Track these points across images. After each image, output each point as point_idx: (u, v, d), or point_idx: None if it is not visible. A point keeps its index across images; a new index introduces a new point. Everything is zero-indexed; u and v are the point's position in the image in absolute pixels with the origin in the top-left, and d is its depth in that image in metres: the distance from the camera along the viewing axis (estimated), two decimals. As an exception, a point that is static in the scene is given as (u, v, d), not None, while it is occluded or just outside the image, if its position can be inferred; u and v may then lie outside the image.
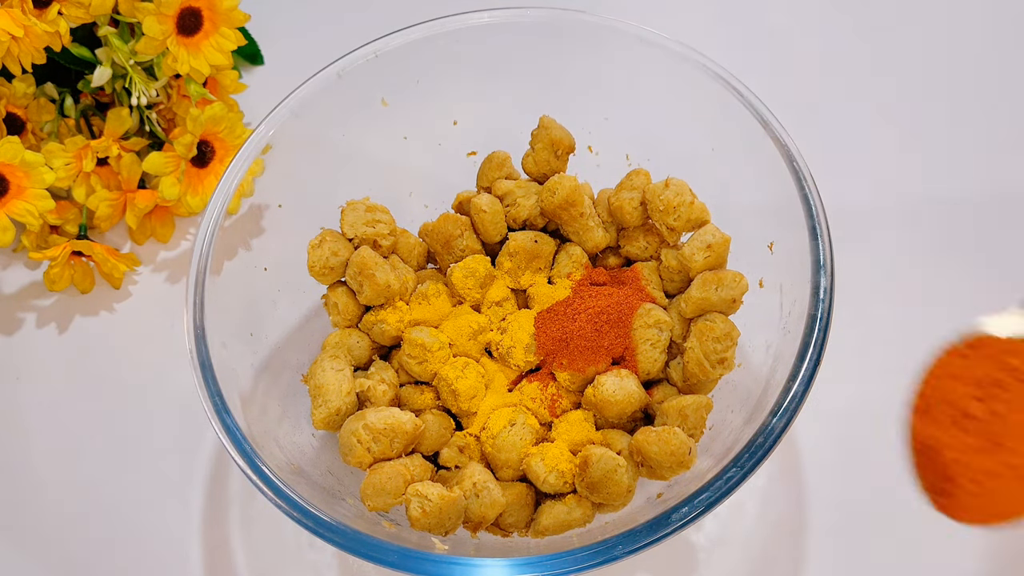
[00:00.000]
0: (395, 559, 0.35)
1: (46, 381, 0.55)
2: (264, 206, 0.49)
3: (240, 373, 0.43)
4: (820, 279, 0.40)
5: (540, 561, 0.35)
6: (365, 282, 0.45)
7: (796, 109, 0.42)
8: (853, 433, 0.51)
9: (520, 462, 0.43)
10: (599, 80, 0.51)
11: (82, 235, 0.57)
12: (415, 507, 0.39)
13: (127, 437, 0.53)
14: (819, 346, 0.39)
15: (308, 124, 0.48)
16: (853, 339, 0.53)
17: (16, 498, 0.51)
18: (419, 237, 0.51)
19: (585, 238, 0.48)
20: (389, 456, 0.42)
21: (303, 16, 0.70)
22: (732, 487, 0.36)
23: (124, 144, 0.56)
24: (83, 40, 0.55)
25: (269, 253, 0.48)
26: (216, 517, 0.50)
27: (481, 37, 0.49)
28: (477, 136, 0.53)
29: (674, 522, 0.36)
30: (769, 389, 0.40)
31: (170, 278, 0.59)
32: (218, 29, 0.54)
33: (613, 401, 0.43)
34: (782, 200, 0.43)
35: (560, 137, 0.49)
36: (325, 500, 0.39)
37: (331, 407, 0.43)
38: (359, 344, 0.47)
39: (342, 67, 0.48)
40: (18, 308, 0.58)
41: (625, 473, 0.41)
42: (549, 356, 0.45)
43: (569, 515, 0.42)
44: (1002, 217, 0.58)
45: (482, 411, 0.45)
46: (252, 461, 0.38)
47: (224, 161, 0.56)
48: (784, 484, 0.50)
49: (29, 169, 0.52)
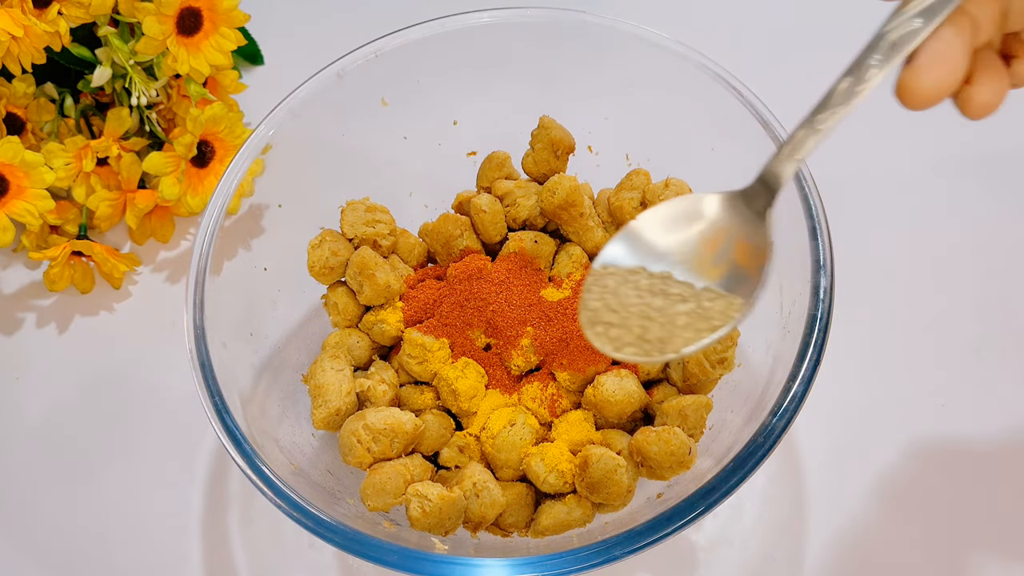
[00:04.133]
0: (395, 559, 0.35)
1: (46, 381, 0.55)
2: (264, 206, 0.49)
3: (240, 373, 0.43)
4: (820, 279, 0.40)
5: (540, 561, 0.35)
6: (365, 282, 0.45)
7: (796, 109, 0.41)
8: (853, 433, 0.51)
9: (520, 462, 0.43)
10: (599, 80, 0.51)
11: (82, 235, 0.57)
12: (415, 507, 0.39)
13: (127, 437, 0.53)
14: (819, 346, 0.38)
15: (308, 124, 0.48)
16: (853, 338, 0.53)
17: (15, 498, 0.51)
18: (419, 237, 0.51)
19: (585, 238, 0.48)
20: (389, 456, 0.42)
21: (303, 16, 0.70)
22: (732, 487, 0.36)
23: (124, 144, 0.56)
24: (83, 40, 0.55)
25: (269, 253, 0.48)
26: (216, 517, 0.50)
27: (481, 37, 0.49)
28: (477, 136, 0.53)
29: (674, 522, 0.35)
30: (769, 389, 0.40)
31: (170, 278, 0.59)
32: (218, 29, 0.54)
33: (613, 401, 0.43)
34: (782, 200, 0.43)
35: (560, 137, 0.49)
36: (325, 500, 0.39)
37: (331, 407, 0.43)
38: (359, 344, 0.47)
39: (342, 67, 0.48)
40: (18, 308, 0.58)
41: (625, 473, 0.41)
42: (549, 356, 0.45)
43: (569, 515, 0.42)
44: (1002, 218, 0.58)
45: (482, 411, 0.45)
46: (252, 461, 0.38)
47: (224, 161, 0.56)
48: (784, 484, 0.50)
49: (29, 169, 0.52)
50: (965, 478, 0.50)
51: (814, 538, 0.48)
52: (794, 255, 0.42)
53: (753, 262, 0.34)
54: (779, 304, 0.43)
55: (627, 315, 0.34)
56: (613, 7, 0.51)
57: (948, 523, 0.49)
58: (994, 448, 0.51)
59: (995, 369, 0.53)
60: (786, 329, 0.41)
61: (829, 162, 0.50)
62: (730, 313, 0.33)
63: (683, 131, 0.49)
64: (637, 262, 0.35)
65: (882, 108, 0.42)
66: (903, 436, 0.51)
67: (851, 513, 0.49)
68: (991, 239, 0.58)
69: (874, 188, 0.60)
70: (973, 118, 0.31)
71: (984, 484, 0.49)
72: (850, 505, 0.49)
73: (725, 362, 0.44)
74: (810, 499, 0.49)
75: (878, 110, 0.43)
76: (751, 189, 0.35)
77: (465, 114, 0.52)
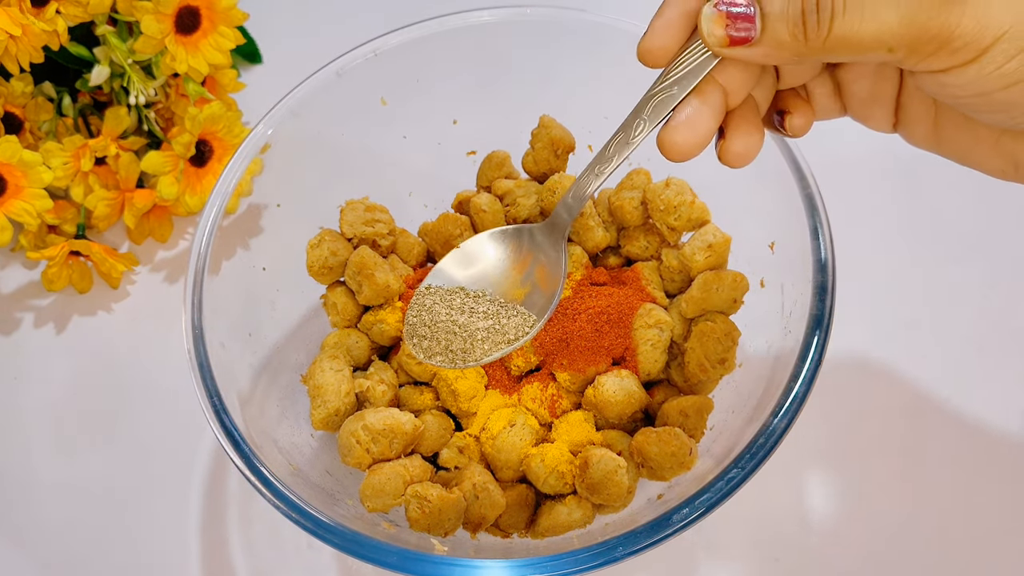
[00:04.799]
0: (394, 560, 0.35)
1: (44, 381, 0.55)
2: (263, 205, 0.49)
3: (238, 373, 0.43)
4: (821, 279, 0.40)
5: (540, 562, 0.35)
6: (364, 282, 0.45)
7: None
8: (854, 433, 0.51)
9: (520, 463, 0.43)
10: (599, 79, 0.51)
11: (80, 235, 0.57)
12: (414, 508, 0.39)
13: (125, 437, 0.53)
14: (821, 346, 0.38)
15: (307, 123, 0.48)
16: (854, 338, 0.53)
17: (14, 498, 0.51)
18: (419, 237, 0.50)
19: (585, 238, 0.48)
20: (388, 457, 0.42)
21: (302, 15, 0.70)
22: (733, 488, 0.36)
23: (122, 143, 0.56)
24: (81, 39, 0.55)
25: (268, 253, 0.48)
26: (214, 517, 0.50)
27: (481, 36, 0.49)
28: (477, 136, 0.53)
29: (675, 523, 0.35)
30: (770, 390, 0.39)
31: (168, 278, 0.59)
32: (216, 28, 0.54)
33: (613, 402, 0.43)
34: (783, 199, 0.43)
35: (560, 136, 0.48)
36: (324, 501, 0.39)
37: (330, 407, 0.42)
38: (358, 344, 0.47)
39: (341, 66, 0.48)
40: (16, 308, 0.58)
41: (625, 474, 0.40)
42: (549, 356, 0.45)
43: (569, 516, 0.42)
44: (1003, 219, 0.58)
45: (482, 411, 0.45)
46: (250, 462, 0.38)
47: (222, 160, 0.56)
48: (785, 485, 0.50)
49: (27, 168, 0.51)
50: (967, 478, 0.50)
51: (815, 539, 0.48)
52: (795, 255, 0.42)
53: (550, 285, 0.41)
54: (780, 304, 0.43)
55: (436, 330, 0.41)
56: (613, 5, 0.51)
57: (950, 523, 0.49)
58: (996, 448, 0.50)
59: (996, 369, 0.53)
60: (787, 329, 0.41)
61: (829, 161, 0.50)
62: (524, 328, 0.40)
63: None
64: (459, 283, 0.42)
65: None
66: (904, 436, 0.51)
67: (852, 514, 0.49)
68: (992, 238, 0.58)
69: (874, 188, 0.60)
70: (730, 166, 0.35)
71: (986, 484, 0.49)
72: (851, 506, 0.49)
73: (726, 363, 0.44)
74: (811, 500, 0.49)
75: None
76: (551, 222, 0.41)
77: (465, 113, 0.52)
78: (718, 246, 0.45)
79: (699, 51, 0.33)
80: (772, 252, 0.45)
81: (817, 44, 0.30)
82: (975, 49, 0.29)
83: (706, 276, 0.44)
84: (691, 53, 0.33)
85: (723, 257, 0.45)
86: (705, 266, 0.45)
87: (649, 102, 0.35)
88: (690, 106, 0.33)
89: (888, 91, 0.37)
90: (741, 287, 0.44)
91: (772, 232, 0.45)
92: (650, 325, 0.44)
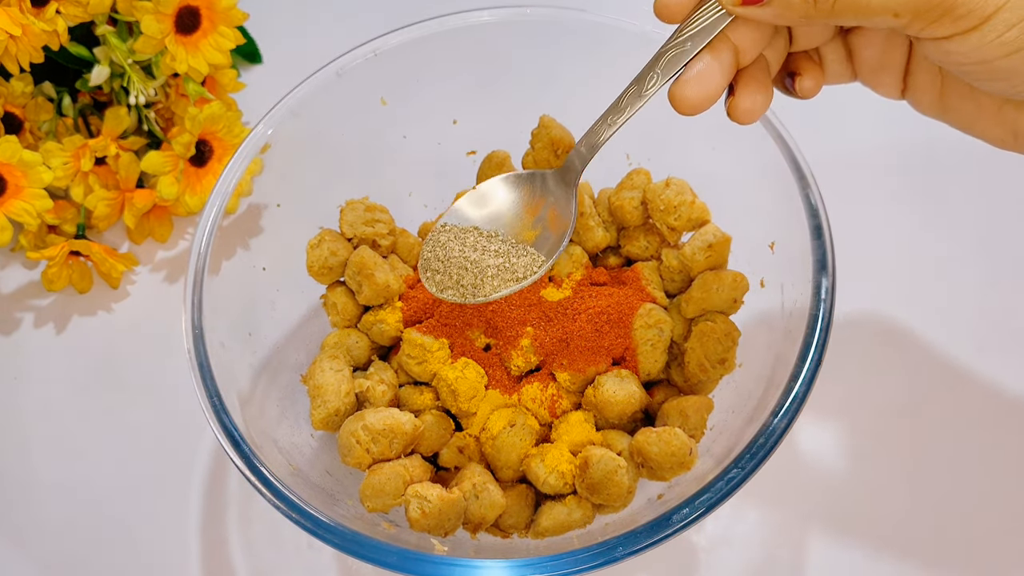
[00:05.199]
0: (394, 560, 0.35)
1: (44, 381, 0.55)
2: (263, 205, 0.49)
3: (238, 373, 0.43)
4: (822, 279, 0.40)
5: (540, 562, 0.35)
6: (364, 282, 0.45)
7: (796, 107, 0.41)
8: (854, 433, 0.51)
9: (520, 463, 0.43)
10: (599, 79, 0.51)
11: (80, 235, 0.57)
12: (414, 508, 0.39)
13: (125, 437, 0.53)
14: (820, 346, 0.38)
15: (307, 123, 0.48)
16: (855, 338, 0.53)
17: (14, 498, 0.51)
18: (419, 237, 0.50)
19: (585, 238, 0.48)
20: (388, 457, 0.42)
21: (302, 15, 0.70)
22: (733, 488, 0.36)
23: (122, 143, 0.56)
24: (81, 39, 0.55)
25: (268, 253, 0.48)
26: (214, 517, 0.50)
27: (481, 36, 0.49)
28: (477, 136, 0.53)
29: (675, 523, 0.35)
30: (770, 390, 0.39)
31: (168, 278, 0.59)
32: (216, 28, 0.54)
33: (613, 402, 0.42)
34: (784, 199, 0.43)
35: (560, 136, 0.48)
36: (324, 501, 0.39)
37: (330, 407, 0.42)
38: (358, 344, 0.47)
39: (341, 66, 0.48)
40: (16, 308, 0.58)
41: (625, 474, 0.40)
42: (549, 356, 0.45)
43: (569, 516, 0.42)
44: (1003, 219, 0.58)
45: (482, 412, 0.45)
46: (250, 462, 0.38)
47: (222, 160, 0.56)
48: (785, 485, 0.50)
49: (27, 168, 0.51)
50: (968, 478, 0.50)
51: (816, 539, 0.48)
52: (796, 255, 0.42)
53: (559, 227, 0.41)
54: (780, 304, 0.43)
55: (449, 265, 0.41)
56: (613, 5, 0.51)
57: (952, 523, 0.48)
58: (997, 447, 0.50)
59: (997, 368, 0.53)
60: (787, 329, 0.41)
61: (830, 160, 0.50)
62: (533, 268, 0.41)
63: (684, 130, 0.49)
64: (473, 222, 0.42)
65: (883, 106, 0.42)
66: (904, 436, 0.51)
67: (853, 514, 0.49)
68: (993, 238, 0.57)
69: (875, 188, 0.60)
70: (739, 123, 0.37)
71: (987, 483, 0.49)
72: (852, 506, 0.49)
73: (726, 362, 0.44)
74: (812, 500, 0.49)
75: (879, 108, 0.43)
76: (564, 167, 0.42)
77: (465, 113, 0.52)
78: (718, 246, 0.45)
79: (713, 9, 0.34)
80: (772, 252, 0.45)
81: (826, 7, 0.32)
82: (977, 17, 0.30)
83: (706, 276, 0.44)
84: (706, 11, 0.34)
85: (723, 257, 0.45)
86: (705, 266, 0.45)
87: (663, 56, 0.35)
88: (702, 62, 0.35)
89: (897, 59, 0.38)
90: (741, 287, 0.44)
91: (772, 232, 0.45)
92: (650, 325, 0.44)
